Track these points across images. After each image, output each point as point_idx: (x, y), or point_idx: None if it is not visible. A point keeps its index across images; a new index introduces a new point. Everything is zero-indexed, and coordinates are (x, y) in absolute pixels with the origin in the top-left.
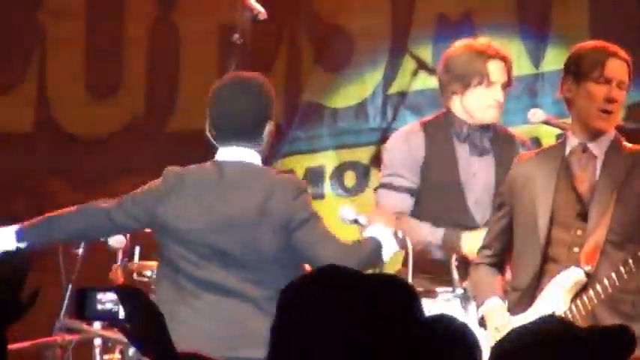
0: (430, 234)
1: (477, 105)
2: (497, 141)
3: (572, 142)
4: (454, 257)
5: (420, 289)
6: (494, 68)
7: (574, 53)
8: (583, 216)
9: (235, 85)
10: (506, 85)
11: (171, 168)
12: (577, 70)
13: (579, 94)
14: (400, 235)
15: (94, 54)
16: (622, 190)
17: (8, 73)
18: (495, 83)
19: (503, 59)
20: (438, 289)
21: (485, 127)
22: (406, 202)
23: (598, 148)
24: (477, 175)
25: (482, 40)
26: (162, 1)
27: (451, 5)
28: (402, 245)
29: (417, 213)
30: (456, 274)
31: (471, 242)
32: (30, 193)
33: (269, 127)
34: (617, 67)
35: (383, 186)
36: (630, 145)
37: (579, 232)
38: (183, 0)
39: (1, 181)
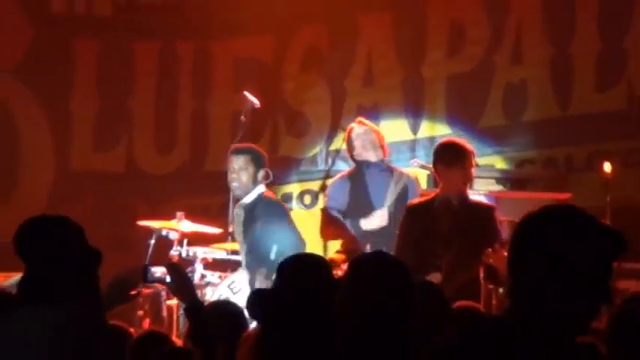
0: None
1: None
2: (393, 174)
3: (441, 198)
4: (368, 245)
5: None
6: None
7: (441, 149)
8: (445, 244)
9: None
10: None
11: None
12: (445, 162)
13: (448, 175)
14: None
15: (162, 129)
16: (467, 229)
17: (108, 136)
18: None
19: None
20: None
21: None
22: (338, 216)
23: (456, 202)
24: (381, 192)
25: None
26: (198, 95)
27: (366, 99)
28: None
29: (348, 224)
30: None
31: (369, 222)
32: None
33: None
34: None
35: (326, 208)
36: (473, 200)
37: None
38: (213, 96)
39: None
